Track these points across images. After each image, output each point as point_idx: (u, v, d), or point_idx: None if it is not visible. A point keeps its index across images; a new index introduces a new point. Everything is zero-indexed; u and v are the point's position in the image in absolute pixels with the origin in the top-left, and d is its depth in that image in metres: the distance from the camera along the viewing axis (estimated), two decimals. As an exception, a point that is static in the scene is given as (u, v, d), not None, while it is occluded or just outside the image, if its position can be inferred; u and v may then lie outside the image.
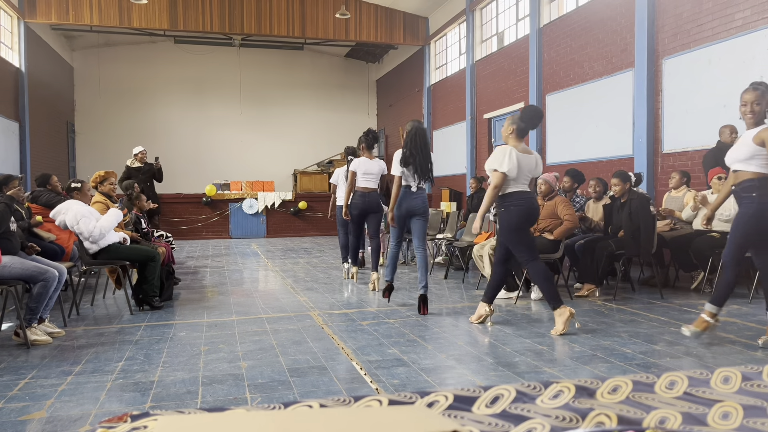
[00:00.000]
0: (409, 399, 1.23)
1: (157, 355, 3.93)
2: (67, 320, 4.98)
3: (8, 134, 12.84)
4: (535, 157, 4.58)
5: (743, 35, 6.89)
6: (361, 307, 5.56)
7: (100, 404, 3.02)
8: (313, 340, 4.32)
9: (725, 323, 4.69)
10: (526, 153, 4.53)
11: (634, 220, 5.77)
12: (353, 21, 15.68)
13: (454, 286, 6.75)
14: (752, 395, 1.27)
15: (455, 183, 14.74)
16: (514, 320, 4.89)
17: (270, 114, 20.38)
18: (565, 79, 10.45)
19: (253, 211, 14.42)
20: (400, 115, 18.89)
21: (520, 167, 4.41)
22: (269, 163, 19.80)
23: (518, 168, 4.41)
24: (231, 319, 5.10)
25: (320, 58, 20.92)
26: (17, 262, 4.19)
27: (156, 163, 10.76)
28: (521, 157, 4.43)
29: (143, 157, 10.66)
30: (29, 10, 13.51)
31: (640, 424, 1.15)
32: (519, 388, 1.27)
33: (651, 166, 8.35)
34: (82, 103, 18.85)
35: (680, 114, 7.87)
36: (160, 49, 19.53)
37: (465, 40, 14.43)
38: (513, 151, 4.43)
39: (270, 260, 9.64)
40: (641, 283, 6.74)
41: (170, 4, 14.32)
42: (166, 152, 19.17)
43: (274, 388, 3.26)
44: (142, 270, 5.45)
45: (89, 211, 5.26)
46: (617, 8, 9.07)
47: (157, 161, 10.79)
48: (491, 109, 13.23)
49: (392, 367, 3.62)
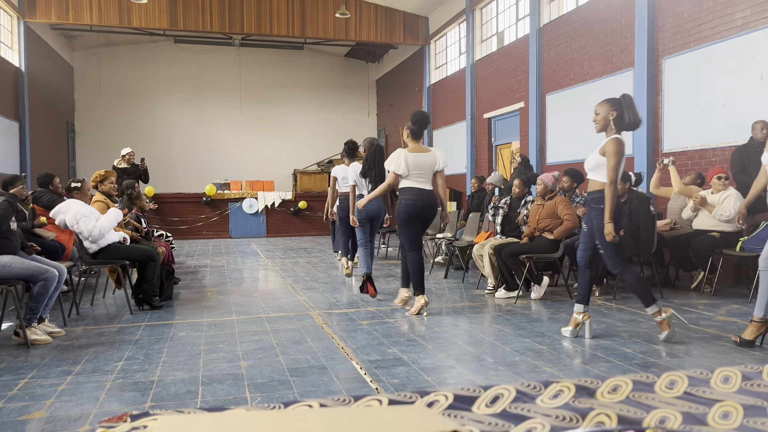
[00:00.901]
0: (409, 399, 1.23)
1: (156, 355, 3.93)
2: (66, 320, 4.98)
3: (8, 134, 12.83)
4: (432, 155, 5.11)
5: (743, 35, 6.89)
6: (361, 307, 5.56)
7: (99, 404, 3.02)
8: (313, 339, 4.32)
9: (725, 323, 4.69)
10: (422, 152, 5.11)
11: (634, 219, 5.77)
12: (353, 21, 15.68)
13: (454, 286, 6.75)
14: (752, 395, 1.26)
15: (455, 183, 14.74)
16: (514, 320, 4.89)
17: (270, 114, 20.37)
18: (565, 78, 10.45)
19: (253, 210, 14.42)
20: (401, 114, 18.88)
21: (411, 166, 5.01)
22: (269, 162, 19.79)
23: (408, 167, 5.01)
24: (231, 318, 5.10)
25: (320, 57, 20.92)
26: (17, 262, 4.19)
27: (142, 164, 10.76)
28: (412, 157, 5.03)
29: (130, 158, 10.69)
30: (29, 9, 13.50)
31: (641, 424, 1.15)
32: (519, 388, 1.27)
33: (651, 166, 8.35)
34: (82, 103, 18.85)
35: (680, 114, 7.87)
36: (160, 48, 19.52)
37: (465, 39, 14.43)
38: (403, 152, 5.06)
39: (270, 260, 9.64)
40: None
41: (170, 3, 14.32)
42: (166, 152, 19.22)
43: (273, 387, 3.26)
44: (141, 269, 5.45)
45: (89, 211, 5.26)
46: (617, 8, 9.07)
47: (143, 162, 10.80)
48: (491, 108, 13.22)
49: (392, 366, 3.62)
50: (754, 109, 6.68)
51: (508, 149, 12.87)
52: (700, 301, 5.63)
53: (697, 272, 6.36)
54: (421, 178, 5.04)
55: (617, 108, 4.08)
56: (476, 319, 4.93)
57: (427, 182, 5.07)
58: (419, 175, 5.03)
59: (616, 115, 4.08)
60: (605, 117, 4.11)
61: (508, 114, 12.62)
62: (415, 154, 5.06)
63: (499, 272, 6.06)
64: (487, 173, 12.55)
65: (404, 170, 4.99)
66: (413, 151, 5.08)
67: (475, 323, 4.81)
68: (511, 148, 12.69)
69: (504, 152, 13.12)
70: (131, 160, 10.70)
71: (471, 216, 8.17)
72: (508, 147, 12.89)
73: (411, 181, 5.02)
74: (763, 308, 3.89)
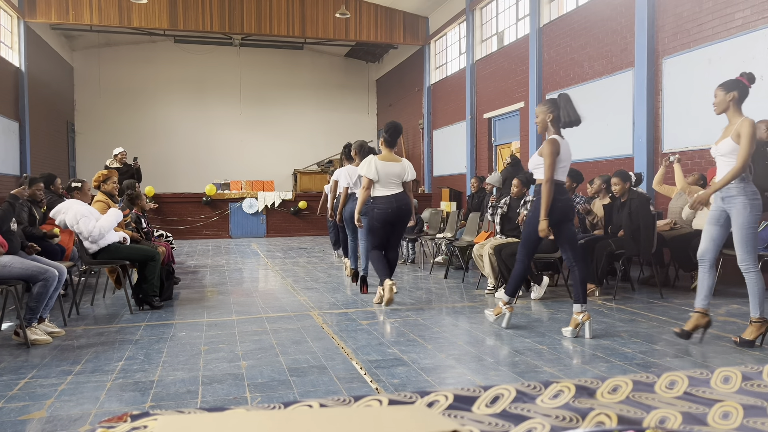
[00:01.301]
0: (409, 399, 1.23)
1: (157, 355, 3.93)
2: (67, 320, 4.98)
3: (8, 134, 12.84)
4: (401, 165, 5.50)
5: (743, 35, 6.89)
6: (361, 307, 5.56)
7: (100, 404, 3.02)
8: (313, 339, 4.32)
9: (725, 323, 4.69)
10: (392, 161, 5.50)
11: (634, 219, 5.77)
12: (353, 21, 15.68)
13: (454, 286, 6.75)
14: (752, 395, 1.27)
15: (455, 182, 14.74)
16: (515, 320, 4.89)
17: (270, 113, 20.38)
18: (565, 78, 10.45)
19: (253, 210, 14.42)
20: (400, 114, 18.88)
21: (381, 173, 5.38)
22: (269, 162, 19.80)
23: (378, 174, 5.39)
24: (231, 318, 5.10)
25: (320, 57, 20.92)
26: (17, 262, 4.19)
27: (134, 163, 10.75)
28: (382, 165, 5.40)
29: (122, 157, 10.68)
30: (29, 9, 13.51)
31: (641, 424, 1.15)
32: (519, 388, 1.27)
33: (651, 166, 8.35)
34: (82, 103, 18.85)
35: (680, 114, 7.87)
36: (160, 48, 19.53)
37: (465, 39, 14.43)
38: (373, 159, 5.43)
39: (270, 260, 9.64)
40: (641, 282, 6.74)
41: (170, 3, 14.32)
42: (166, 152, 19.24)
43: (274, 387, 3.26)
44: (142, 269, 5.45)
45: (89, 211, 5.26)
46: (617, 8, 9.07)
47: (135, 162, 10.79)
48: (491, 108, 13.23)
49: (392, 366, 3.62)
50: (754, 109, 6.68)
51: (508, 149, 12.88)
52: (700, 301, 5.62)
53: (696, 272, 6.34)
54: (391, 184, 5.44)
55: (553, 109, 4.27)
56: (476, 319, 4.93)
57: (398, 187, 5.46)
58: (389, 182, 5.43)
59: (552, 116, 4.28)
60: (543, 120, 4.33)
61: (508, 114, 12.62)
62: (385, 162, 5.44)
63: (499, 272, 6.07)
64: (487, 173, 12.55)
65: (374, 175, 5.39)
66: (384, 159, 5.48)
67: (475, 323, 4.81)
68: (511, 148, 12.70)
69: (504, 152, 13.12)
70: (123, 159, 10.69)
71: (471, 216, 8.17)
72: (508, 147, 12.89)
73: (383, 189, 5.43)
74: (757, 308, 3.92)
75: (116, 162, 10.69)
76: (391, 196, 5.41)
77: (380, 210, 5.41)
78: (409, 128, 18.32)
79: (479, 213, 8.12)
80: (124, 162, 10.73)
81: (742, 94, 3.95)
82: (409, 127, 18.29)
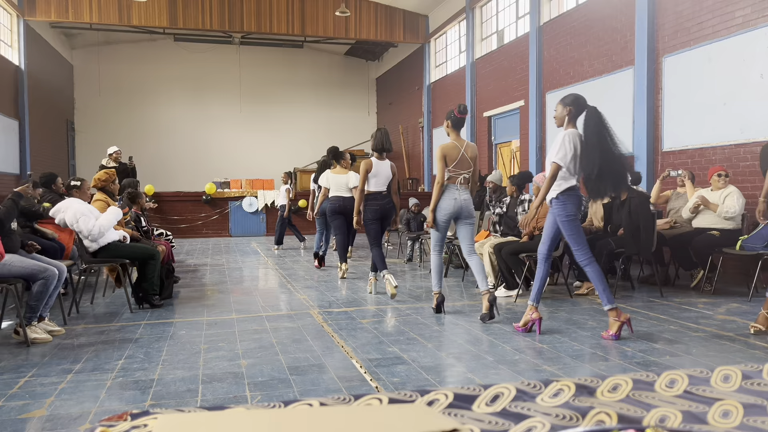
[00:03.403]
0: (409, 397, 1.23)
1: (157, 354, 3.93)
2: (67, 318, 4.98)
3: (8, 132, 12.83)
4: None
5: (743, 33, 6.88)
6: (361, 306, 5.56)
7: (100, 402, 3.02)
8: (312, 338, 4.32)
9: (725, 321, 4.70)
10: (340, 173, 7.18)
11: (634, 218, 5.77)
12: (353, 19, 15.66)
13: (454, 285, 6.75)
14: (753, 394, 1.27)
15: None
16: (515, 318, 4.89)
17: (270, 112, 20.37)
18: (565, 77, 10.44)
19: (252, 209, 14.42)
20: (400, 113, 18.88)
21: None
22: (269, 161, 19.78)
23: (330, 183, 7.11)
24: (231, 317, 5.10)
25: (320, 56, 20.91)
26: (17, 260, 4.18)
27: (130, 162, 10.70)
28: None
29: (117, 156, 10.62)
30: (29, 7, 13.49)
31: (641, 423, 1.15)
32: (519, 387, 1.27)
33: (651, 165, 8.35)
34: (82, 101, 18.84)
35: (680, 112, 7.86)
36: (159, 47, 19.51)
37: (465, 38, 14.41)
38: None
39: (270, 258, 9.64)
40: (641, 281, 6.74)
41: (170, 1, 14.31)
42: (166, 150, 19.23)
43: (273, 386, 3.26)
44: (141, 268, 5.45)
45: (89, 210, 5.26)
46: (617, 6, 9.06)
47: (131, 160, 10.74)
48: (491, 107, 13.22)
49: (392, 365, 3.62)
50: (753, 107, 6.68)
51: (508, 148, 12.87)
52: (700, 300, 5.63)
53: (696, 271, 6.35)
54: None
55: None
56: (476, 318, 4.92)
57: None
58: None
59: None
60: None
61: (508, 112, 12.62)
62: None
63: (499, 271, 6.07)
64: (487, 171, 12.55)
65: (326, 184, 7.22)
66: (336, 172, 7.26)
67: (475, 322, 4.81)
68: (511, 147, 12.69)
69: (504, 151, 13.12)
70: (118, 158, 10.64)
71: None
72: (508, 145, 12.88)
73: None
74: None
75: (111, 161, 10.63)
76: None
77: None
78: (409, 127, 18.31)
79: (479, 212, 8.12)
80: (120, 161, 10.69)
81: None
82: (409, 125, 18.28)
